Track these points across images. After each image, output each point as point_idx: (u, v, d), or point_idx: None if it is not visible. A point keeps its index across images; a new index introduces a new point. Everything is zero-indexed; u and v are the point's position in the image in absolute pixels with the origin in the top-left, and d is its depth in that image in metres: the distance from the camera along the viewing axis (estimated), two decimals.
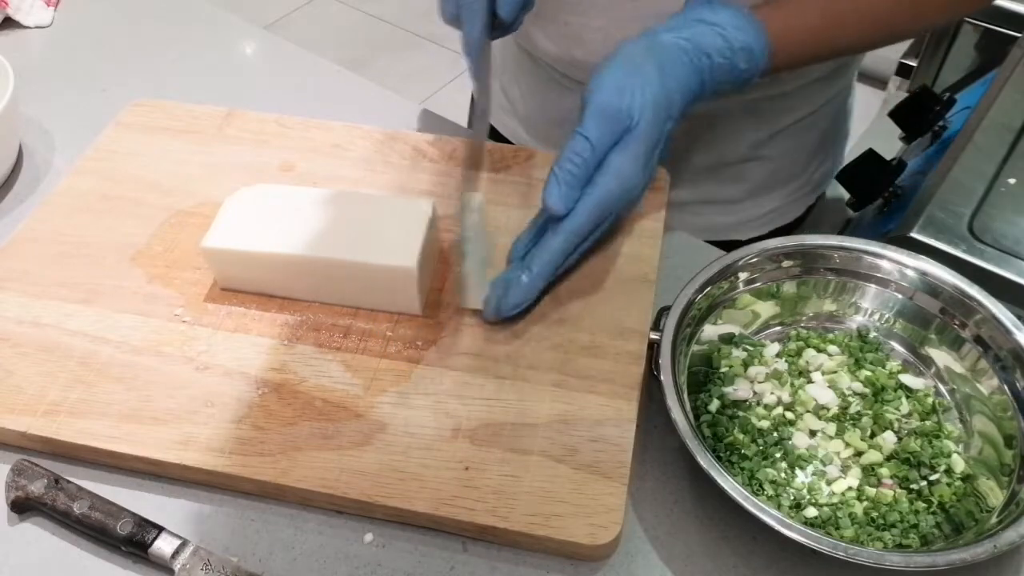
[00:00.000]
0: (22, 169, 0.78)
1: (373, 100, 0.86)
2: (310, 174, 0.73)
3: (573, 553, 0.52)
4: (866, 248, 0.63)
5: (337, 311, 0.63)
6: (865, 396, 0.59)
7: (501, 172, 0.72)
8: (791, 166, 0.84)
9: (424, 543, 0.54)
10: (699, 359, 0.60)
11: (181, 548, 0.52)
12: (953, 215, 0.78)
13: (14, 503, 0.55)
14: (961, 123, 0.94)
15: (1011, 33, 1.14)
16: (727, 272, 0.61)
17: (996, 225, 0.77)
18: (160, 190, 0.72)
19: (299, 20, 2.67)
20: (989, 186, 0.81)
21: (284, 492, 0.55)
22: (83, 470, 0.57)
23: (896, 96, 1.24)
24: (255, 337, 0.62)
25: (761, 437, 0.57)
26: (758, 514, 0.49)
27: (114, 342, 0.61)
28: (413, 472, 0.54)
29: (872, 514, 0.53)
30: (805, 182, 0.86)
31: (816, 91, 0.79)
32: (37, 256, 0.67)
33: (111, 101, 0.83)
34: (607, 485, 0.53)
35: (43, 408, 0.58)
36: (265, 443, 0.56)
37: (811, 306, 0.64)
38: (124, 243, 0.68)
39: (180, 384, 0.59)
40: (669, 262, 0.68)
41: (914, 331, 0.62)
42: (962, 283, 0.60)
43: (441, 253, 0.67)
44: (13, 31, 0.93)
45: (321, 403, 0.58)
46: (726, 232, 0.83)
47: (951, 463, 0.55)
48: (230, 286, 0.65)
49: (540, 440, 0.55)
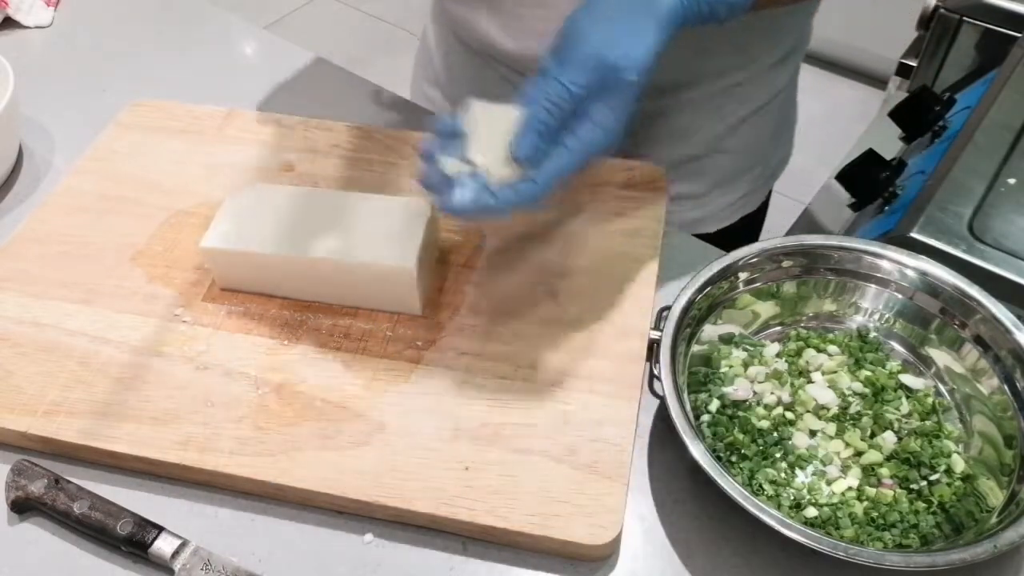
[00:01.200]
0: (22, 169, 0.78)
1: (373, 100, 0.85)
2: (310, 174, 0.73)
3: (573, 553, 0.52)
4: (866, 248, 0.63)
5: (337, 311, 0.63)
6: (865, 396, 0.59)
7: None
8: (752, 156, 0.84)
9: (424, 543, 0.54)
10: (699, 359, 0.60)
11: (181, 548, 0.52)
12: (953, 215, 0.78)
13: (14, 503, 0.55)
14: (961, 123, 0.93)
15: (1011, 33, 1.14)
16: (727, 272, 0.61)
17: (996, 225, 0.77)
18: (160, 190, 0.72)
19: (299, 20, 2.66)
20: (989, 186, 0.81)
21: (284, 492, 0.55)
22: (83, 470, 0.57)
23: (896, 96, 1.24)
24: (255, 337, 0.62)
25: (761, 437, 0.57)
26: (758, 514, 0.49)
27: (114, 342, 0.61)
28: (413, 472, 0.54)
29: (872, 514, 0.53)
30: (765, 169, 0.87)
31: (768, 80, 0.79)
32: (37, 256, 0.67)
33: (111, 101, 0.83)
34: (607, 485, 0.53)
35: (43, 408, 0.58)
36: (265, 443, 0.56)
37: (811, 306, 0.64)
38: (124, 243, 0.68)
39: (180, 384, 0.59)
40: (669, 262, 0.68)
41: (914, 331, 0.62)
42: (962, 283, 0.60)
43: (441, 253, 0.67)
44: (13, 31, 0.93)
45: (321, 403, 0.58)
46: (694, 226, 0.84)
47: (951, 463, 0.55)
48: (230, 286, 0.65)
49: (540, 440, 0.55)
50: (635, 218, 0.68)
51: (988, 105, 0.91)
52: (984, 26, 1.17)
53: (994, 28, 1.16)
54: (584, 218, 0.69)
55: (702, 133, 0.80)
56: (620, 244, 0.67)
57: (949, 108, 1.05)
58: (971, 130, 0.87)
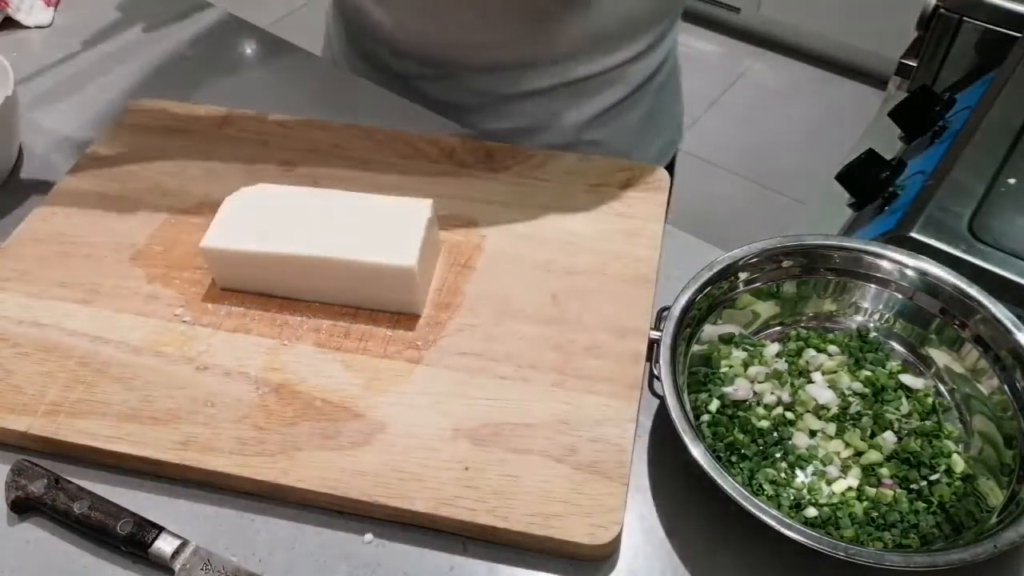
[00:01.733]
0: (22, 169, 0.78)
1: (373, 100, 0.85)
2: (310, 174, 0.73)
3: (573, 553, 0.52)
4: (866, 248, 0.63)
5: (337, 311, 0.63)
6: (865, 396, 0.59)
7: (500, 172, 0.72)
8: (620, 147, 0.84)
9: (424, 543, 0.54)
10: (699, 359, 0.60)
11: (181, 548, 0.52)
12: (953, 215, 0.78)
13: (14, 503, 0.55)
14: (961, 123, 0.94)
15: (1011, 33, 1.14)
16: (727, 272, 0.61)
17: (996, 225, 0.77)
18: (160, 190, 0.72)
19: (299, 20, 2.66)
20: (989, 186, 0.81)
21: (284, 492, 0.55)
22: (83, 470, 0.57)
23: (896, 96, 1.24)
24: (255, 337, 0.62)
25: (761, 437, 0.57)
26: (758, 514, 0.49)
27: (114, 342, 0.61)
28: (413, 472, 0.54)
29: (872, 514, 0.53)
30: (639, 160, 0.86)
31: (634, 70, 0.79)
32: (37, 256, 0.67)
33: (111, 101, 0.83)
34: (607, 485, 0.53)
35: (43, 408, 0.58)
36: (265, 443, 0.56)
37: (811, 306, 0.64)
38: (124, 243, 0.68)
39: (180, 384, 0.59)
40: (669, 262, 0.68)
41: (914, 331, 0.62)
42: (962, 283, 0.60)
43: (441, 253, 0.67)
44: (13, 31, 0.93)
45: (321, 403, 0.58)
46: None
47: (951, 463, 0.55)
48: (230, 286, 0.65)
49: (540, 440, 0.55)
50: (635, 218, 0.68)
51: (988, 105, 0.91)
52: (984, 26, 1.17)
53: (994, 28, 1.16)
54: (584, 218, 0.69)
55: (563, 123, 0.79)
56: (620, 244, 0.67)
57: (949, 108, 1.05)
58: (971, 130, 0.88)
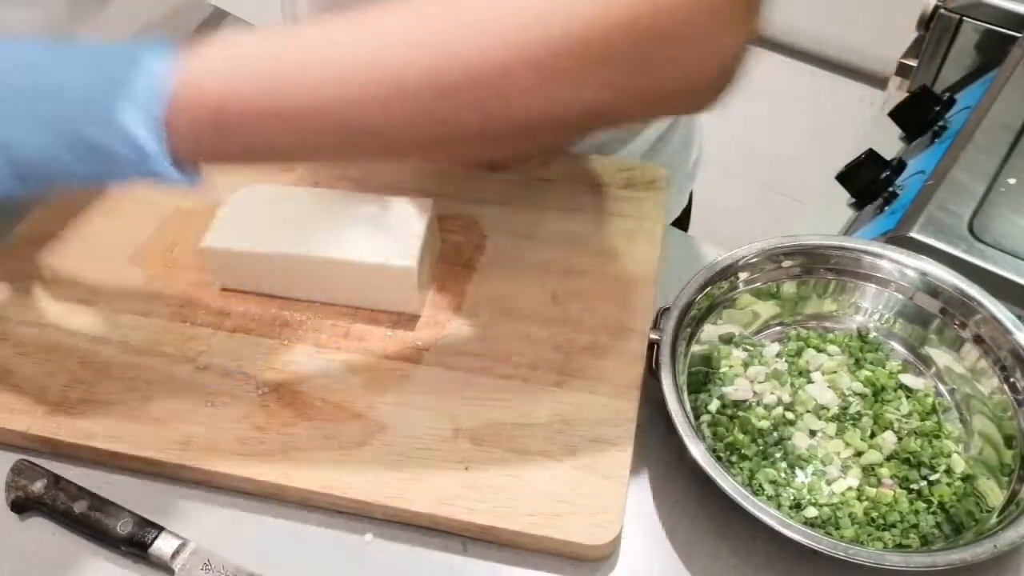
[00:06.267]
0: None
1: None
2: (310, 174, 0.73)
3: (573, 553, 0.52)
4: (866, 248, 0.63)
5: (337, 311, 0.63)
6: (865, 396, 0.59)
7: (501, 172, 0.72)
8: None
9: (424, 543, 0.54)
10: (699, 359, 0.60)
11: (181, 548, 0.52)
12: (953, 215, 0.78)
13: (14, 503, 0.55)
14: (961, 123, 0.94)
15: (1011, 33, 1.14)
16: (727, 272, 0.61)
17: (996, 225, 0.77)
18: (160, 190, 0.72)
19: None
20: (989, 186, 0.81)
21: (284, 492, 0.55)
22: (83, 470, 0.57)
23: (896, 96, 1.24)
24: (255, 337, 0.62)
25: (761, 437, 0.57)
26: (758, 514, 0.49)
27: (114, 342, 0.61)
28: (413, 472, 0.54)
29: (872, 514, 0.53)
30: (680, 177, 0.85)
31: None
32: (37, 256, 0.67)
33: None
34: (607, 485, 0.53)
35: (43, 408, 0.58)
36: (265, 443, 0.56)
37: (811, 306, 0.64)
38: (124, 243, 0.68)
39: (180, 384, 0.59)
40: (669, 262, 0.68)
41: (914, 331, 0.62)
42: (962, 283, 0.60)
43: (441, 253, 0.67)
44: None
45: (321, 403, 0.58)
46: None
47: (951, 463, 0.55)
48: (230, 286, 0.65)
49: (540, 440, 0.55)
50: (635, 218, 0.69)
51: (988, 105, 0.91)
52: (984, 26, 1.17)
53: (994, 28, 1.16)
54: (584, 218, 0.69)
55: None
56: (620, 244, 0.67)
57: (949, 108, 1.05)
58: (971, 130, 0.87)
